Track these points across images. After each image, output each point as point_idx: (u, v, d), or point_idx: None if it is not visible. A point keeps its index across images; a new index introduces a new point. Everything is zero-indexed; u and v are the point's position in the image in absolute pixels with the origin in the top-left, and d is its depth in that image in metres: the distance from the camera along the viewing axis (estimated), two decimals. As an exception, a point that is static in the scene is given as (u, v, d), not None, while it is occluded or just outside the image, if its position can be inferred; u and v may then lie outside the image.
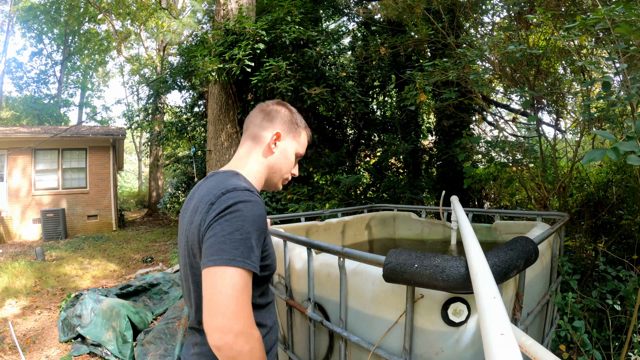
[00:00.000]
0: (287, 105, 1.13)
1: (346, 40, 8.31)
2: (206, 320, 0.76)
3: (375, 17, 6.95)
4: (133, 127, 9.91)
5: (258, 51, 4.42)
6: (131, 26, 16.46)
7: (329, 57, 6.07)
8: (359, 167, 6.57)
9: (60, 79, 21.14)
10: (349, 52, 7.46)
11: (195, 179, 7.25)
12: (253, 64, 4.39)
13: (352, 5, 7.53)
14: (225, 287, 0.76)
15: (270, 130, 1.07)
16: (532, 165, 3.35)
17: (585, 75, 3.25)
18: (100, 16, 17.14)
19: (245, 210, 0.83)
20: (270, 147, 1.06)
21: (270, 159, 1.07)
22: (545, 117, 4.64)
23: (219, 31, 4.81)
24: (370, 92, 6.98)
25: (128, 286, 4.24)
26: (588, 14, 1.87)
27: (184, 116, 9.00)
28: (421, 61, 5.95)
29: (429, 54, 5.89)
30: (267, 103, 1.13)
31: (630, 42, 1.99)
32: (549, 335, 1.76)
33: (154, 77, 12.79)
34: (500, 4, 4.24)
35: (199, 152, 7.68)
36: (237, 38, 4.59)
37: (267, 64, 4.37)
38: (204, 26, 9.39)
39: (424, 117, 7.21)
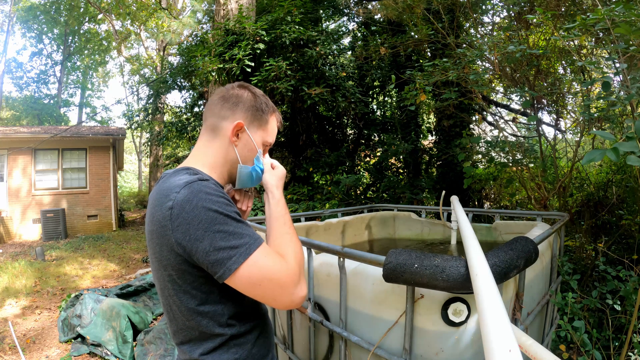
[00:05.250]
0: (251, 88, 1.00)
1: (346, 40, 8.32)
2: (277, 306, 0.80)
3: (375, 17, 6.95)
4: (133, 127, 9.91)
5: (258, 51, 4.42)
6: (131, 26, 16.47)
7: (329, 57, 6.07)
8: (359, 167, 6.56)
9: (60, 79, 21.16)
10: (349, 52, 7.46)
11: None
12: (253, 64, 4.39)
13: (352, 5, 7.54)
14: (261, 275, 0.76)
15: (230, 120, 0.93)
16: (532, 165, 3.35)
17: (585, 75, 3.25)
18: (100, 16, 17.16)
19: (211, 200, 0.77)
20: (231, 140, 0.93)
21: (230, 152, 0.94)
22: (545, 117, 4.64)
23: (219, 31, 4.81)
24: (370, 92, 6.97)
25: (128, 286, 4.24)
26: (588, 14, 1.87)
27: (184, 116, 9.00)
28: (421, 61, 5.95)
29: (429, 54, 5.89)
30: (227, 88, 0.98)
31: (630, 42, 1.98)
32: (549, 335, 1.76)
33: (154, 77, 12.79)
34: (500, 4, 4.24)
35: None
36: (237, 38, 4.59)
37: (267, 64, 4.37)
38: (204, 26, 9.40)
39: (424, 117, 7.21)
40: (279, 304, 0.78)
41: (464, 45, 3.76)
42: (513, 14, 3.75)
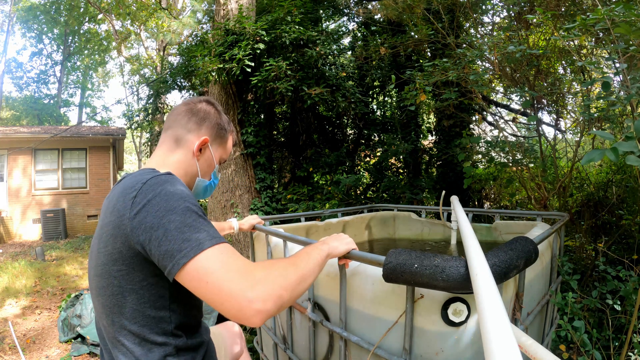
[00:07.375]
0: (216, 105, 1.04)
1: (346, 40, 8.31)
2: (227, 315, 0.66)
3: (375, 17, 6.95)
4: (133, 127, 9.90)
5: (258, 51, 4.42)
6: (131, 26, 16.46)
7: (329, 57, 6.06)
8: (359, 167, 6.56)
9: (60, 79, 21.17)
10: (349, 52, 7.46)
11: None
12: (253, 64, 4.38)
13: (352, 5, 7.53)
14: (214, 271, 0.66)
15: (196, 135, 0.97)
16: (532, 165, 3.35)
17: (585, 75, 3.25)
18: (100, 16, 17.15)
19: (176, 191, 0.75)
20: (194, 153, 0.97)
21: (192, 165, 0.97)
22: (545, 117, 4.65)
23: (219, 31, 4.81)
24: (370, 92, 6.97)
25: (128, 286, 4.24)
26: (588, 14, 1.87)
27: (184, 116, 8.98)
28: (421, 61, 5.95)
29: (429, 54, 5.88)
30: (194, 101, 1.01)
31: (630, 42, 1.98)
32: (549, 335, 1.76)
33: (154, 77, 12.78)
34: (500, 4, 4.24)
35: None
36: (237, 38, 4.59)
37: (267, 64, 4.37)
38: (204, 26, 9.39)
39: (424, 117, 7.20)
40: (225, 309, 0.66)
41: (464, 45, 3.76)
42: (513, 14, 3.75)
